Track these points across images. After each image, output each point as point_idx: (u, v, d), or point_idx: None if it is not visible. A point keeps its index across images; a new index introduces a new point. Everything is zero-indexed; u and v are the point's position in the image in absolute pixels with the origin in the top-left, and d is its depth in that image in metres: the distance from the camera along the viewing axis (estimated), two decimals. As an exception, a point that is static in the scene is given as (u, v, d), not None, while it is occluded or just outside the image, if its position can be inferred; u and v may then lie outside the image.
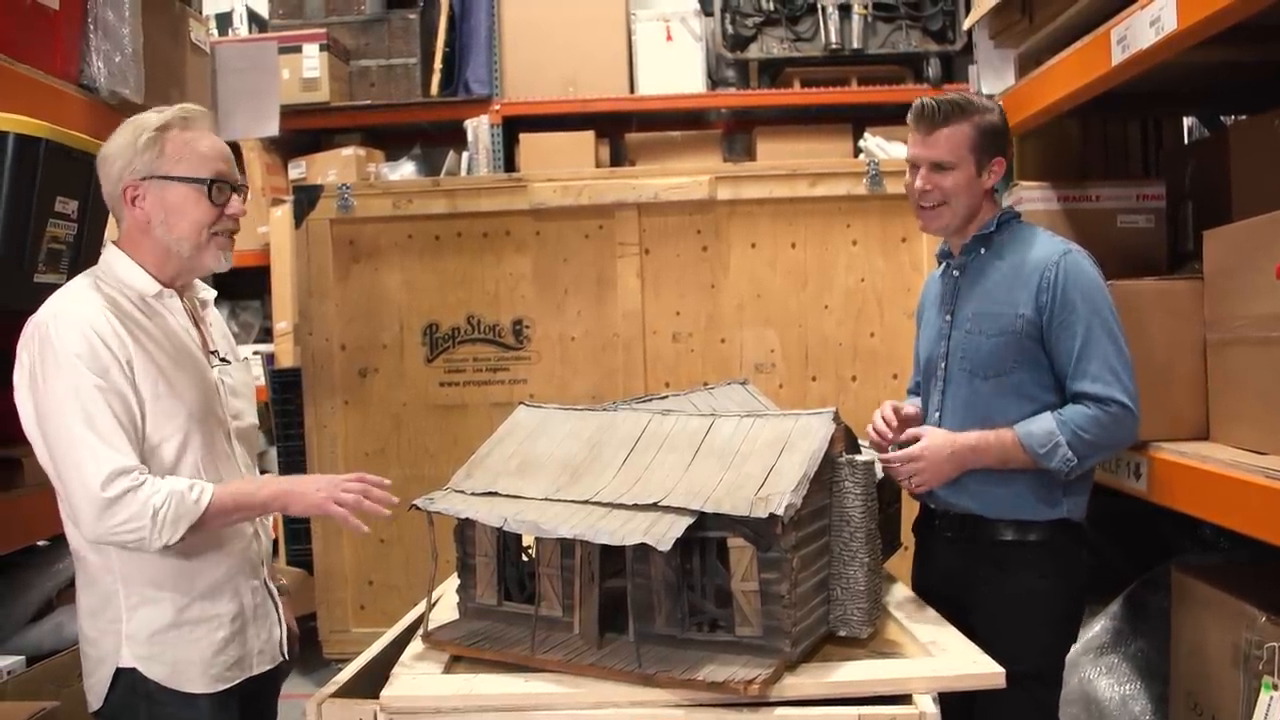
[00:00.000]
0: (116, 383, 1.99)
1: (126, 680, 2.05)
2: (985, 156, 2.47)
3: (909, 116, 2.52)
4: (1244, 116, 3.59)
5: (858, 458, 2.00)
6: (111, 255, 2.14)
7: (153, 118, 2.12)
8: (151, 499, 1.93)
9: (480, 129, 5.44)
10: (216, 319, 2.35)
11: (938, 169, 2.46)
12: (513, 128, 5.52)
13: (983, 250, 2.53)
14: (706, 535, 1.85)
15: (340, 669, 2.14)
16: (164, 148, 2.09)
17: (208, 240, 2.13)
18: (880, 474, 2.31)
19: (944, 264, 2.66)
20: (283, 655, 2.29)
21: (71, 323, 1.99)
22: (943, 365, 2.55)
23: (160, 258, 2.13)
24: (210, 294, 2.32)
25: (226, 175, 2.15)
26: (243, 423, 2.29)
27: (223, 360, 2.25)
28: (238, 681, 2.15)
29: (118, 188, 2.10)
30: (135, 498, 1.93)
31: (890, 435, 2.49)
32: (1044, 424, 2.36)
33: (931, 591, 2.45)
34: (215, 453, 2.15)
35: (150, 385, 2.04)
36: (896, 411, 2.52)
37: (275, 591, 2.29)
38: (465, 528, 2.09)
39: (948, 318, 2.56)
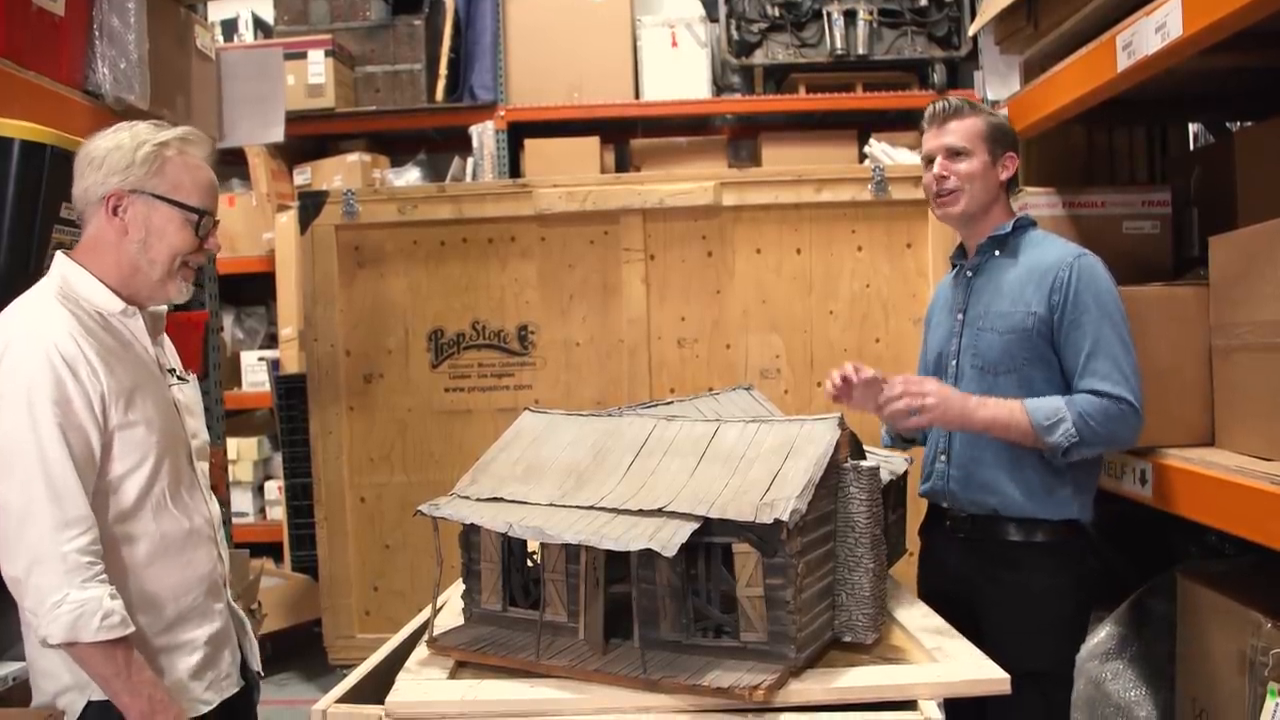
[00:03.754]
0: (78, 417, 1.90)
1: (102, 711, 1.97)
2: (998, 148, 2.56)
3: (924, 119, 2.63)
4: (1250, 123, 3.58)
5: (863, 463, 2.00)
6: (68, 269, 2.03)
7: (153, 131, 2.06)
8: (69, 590, 1.83)
9: (485, 135, 5.45)
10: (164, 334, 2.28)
11: (953, 155, 2.55)
12: (518, 134, 5.53)
13: (997, 252, 2.59)
14: (712, 541, 1.84)
15: (345, 675, 2.14)
16: (164, 166, 2.03)
17: (177, 269, 2.07)
18: (885, 480, 2.31)
19: (957, 266, 2.71)
20: (257, 672, 2.31)
21: (36, 347, 1.89)
22: (954, 362, 2.60)
23: (125, 274, 2.05)
24: (163, 309, 2.23)
25: (213, 210, 2.10)
26: (198, 441, 2.23)
27: (180, 378, 2.20)
28: (213, 706, 2.13)
29: (98, 191, 2.01)
30: (64, 581, 1.84)
31: (852, 382, 2.48)
32: (1052, 400, 2.41)
33: (938, 594, 2.48)
34: (181, 477, 2.10)
35: (120, 413, 1.96)
36: (858, 372, 2.51)
37: (240, 613, 2.30)
38: (470, 533, 2.08)
39: (960, 316, 2.61)
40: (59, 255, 2.06)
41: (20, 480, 1.86)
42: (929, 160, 2.61)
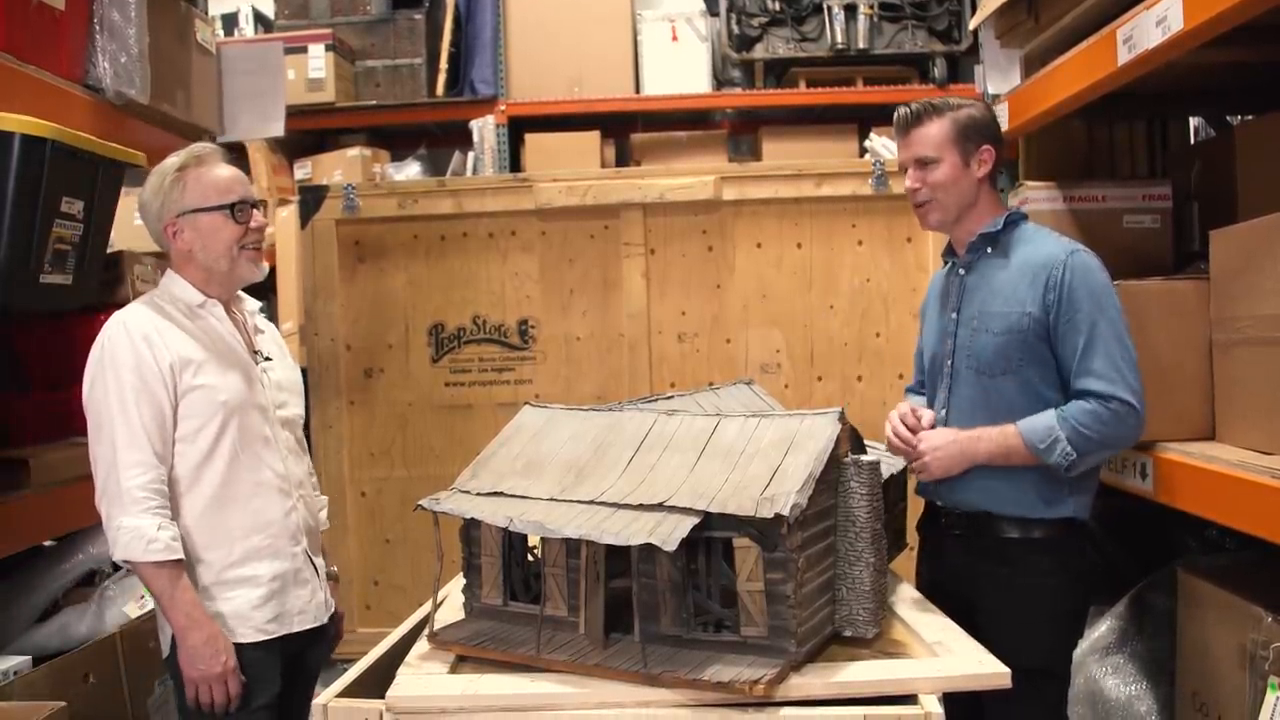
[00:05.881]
0: (149, 382, 2.33)
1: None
2: (969, 145, 2.52)
3: (893, 127, 2.62)
4: (1250, 117, 3.58)
5: (863, 458, 2.00)
6: (167, 277, 2.53)
7: (172, 161, 2.47)
8: (126, 517, 2.26)
9: (486, 129, 5.44)
10: (270, 331, 2.69)
11: (922, 165, 2.53)
12: (518, 128, 5.52)
13: (989, 249, 2.56)
14: (712, 535, 1.85)
15: (346, 669, 2.14)
16: (186, 186, 2.44)
17: (239, 254, 2.48)
18: (885, 474, 2.32)
19: (949, 263, 2.69)
20: (327, 618, 2.59)
21: (120, 330, 2.36)
22: (949, 363, 2.57)
23: (204, 276, 2.49)
24: (255, 304, 2.68)
25: (244, 196, 2.49)
26: (286, 411, 2.60)
27: (266, 359, 2.58)
28: (278, 635, 2.44)
29: (159, 226, 2.47)
30: (123, 510, 2.27)
31: (915, 441, 2.50)
32: (1045, 419, 2.38)
33: (937, 589, 2.47)
34: (252, 435, 2.45)
35: (190, 376, 2.38)
36: (916, 414, 2.52)
37: (316, 563, 2.59)
38: (471, 528, 2.09)
39: (953, 316, 2.59)
40: (167, 271, 2.54)
41: (105, 434, 2.32)
42: (903, 168, 2.60)
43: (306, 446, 2.73)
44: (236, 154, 5.34)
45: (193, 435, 2.38)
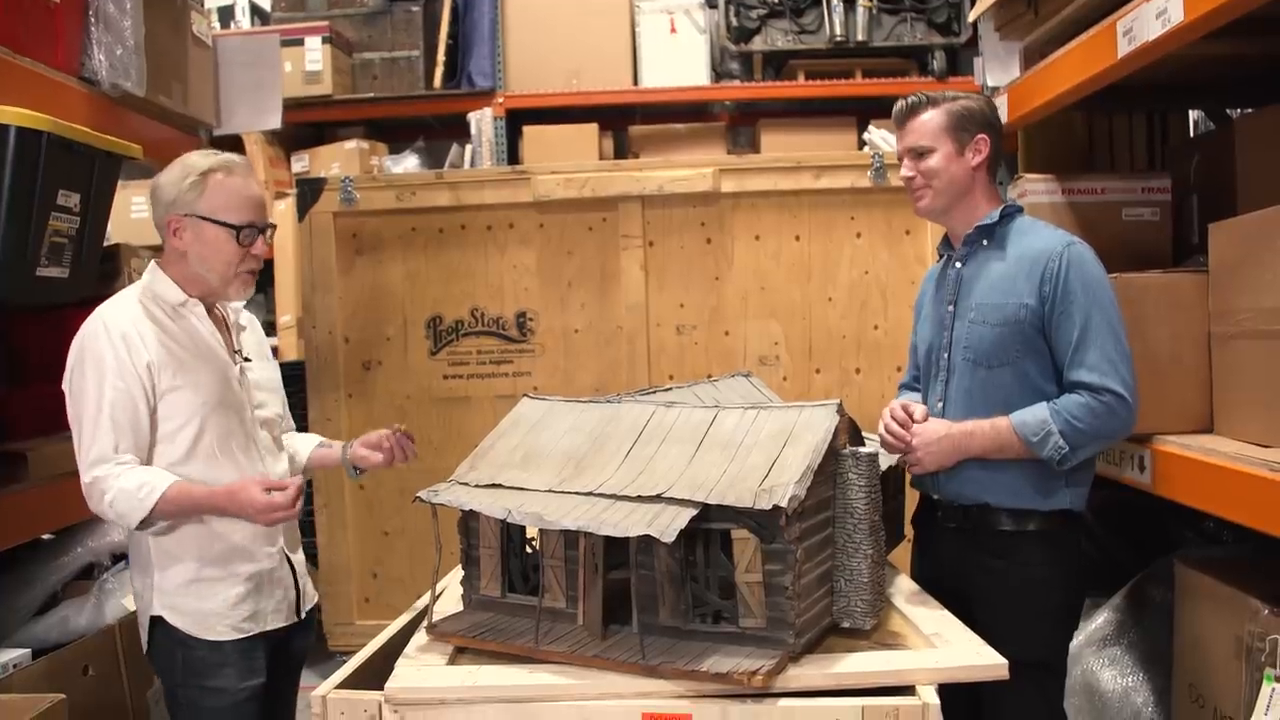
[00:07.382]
0: (129, 385, 2.30)
1: (162, 629, 2.39)
2: (964, 135, 2.53)
3: (892, 121, 2.64)
4: (1250, 110, 3.58)
5: (862, 450, 2.00)
6: (151, 271, 2.46)
7: (200, 161, 2.41)
8: (107, 492, 2.26)
9: (483, 121, 5.44)
10: (253, 327, 2.66)
11: (917, 155, 2.56)
12: (516, 120, 5.52)
13: (985, 242, 2.56)
14: (710, 527, 1.85)
15: (345, 661, 2.15)
16: (205, 191, 2.37)
17: (233, 276, 2.42)
18: (884, 466, 2.32)
19: (944, 256, 2.69)
20: (298, 616, 2.57)
21: (100, 328, 2.33)
22: (945, 355, 2.57)
23: (190, 279, 2.43)
24: (238, 304, 2.61)
25: (256, 221, 2.43)
26: (265, 412, 2.57)
27: (246, 359, 2.54)
28: (254, 633, 2.44)
29: (163, 218, 2.40)
30: (104, 485, 2.27)
31: (908, 436, 2.48)
32: (1038, 413, 2.39)
33: (932, 583, 2.46)
34: (231, 436, 2.43)
35: (169, 377, 2.35)
36: (908, 410, 2.51)
37: (293, 560, 2.57)
38: (469, 520, 2.09)
39: (950, 309, 2.58)
40: (151, 262, 2.48)
41: (85, 429, 2.30)
42: (901, 159, 2.63)
43: (283, 445, 2.69)
44: (233, 147, 5.37)
45: (172, 435, 2.36)
